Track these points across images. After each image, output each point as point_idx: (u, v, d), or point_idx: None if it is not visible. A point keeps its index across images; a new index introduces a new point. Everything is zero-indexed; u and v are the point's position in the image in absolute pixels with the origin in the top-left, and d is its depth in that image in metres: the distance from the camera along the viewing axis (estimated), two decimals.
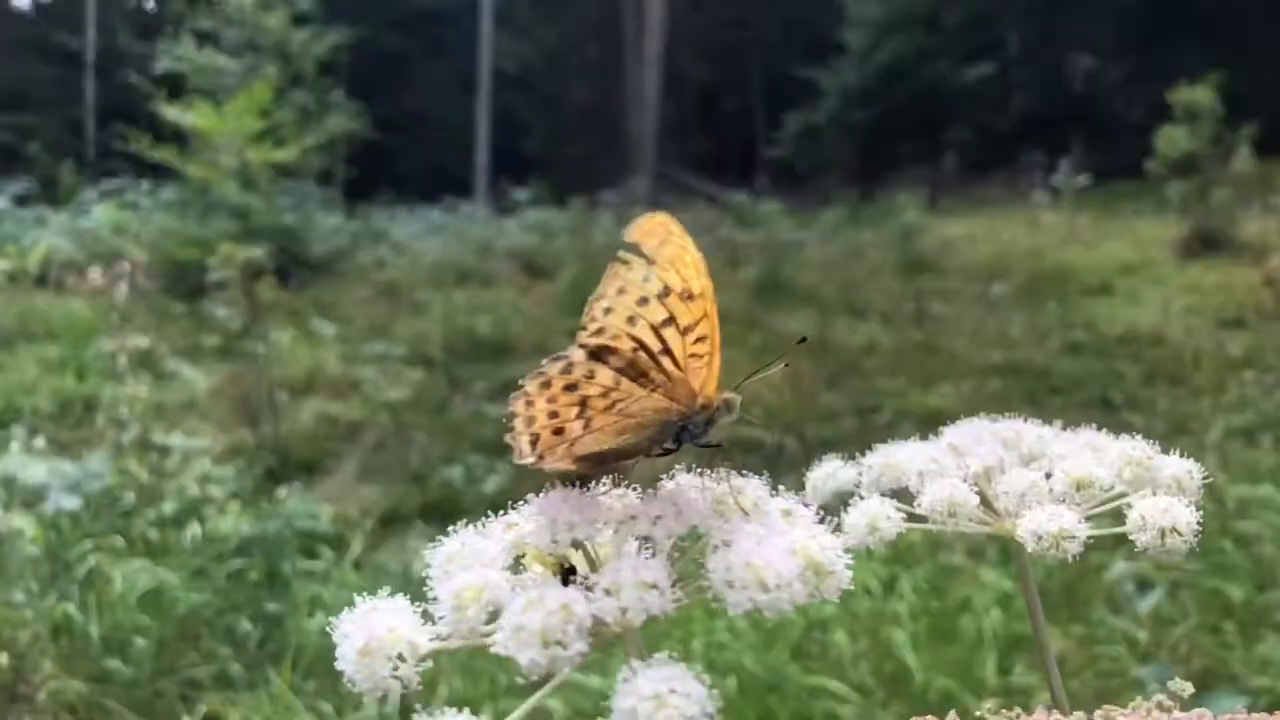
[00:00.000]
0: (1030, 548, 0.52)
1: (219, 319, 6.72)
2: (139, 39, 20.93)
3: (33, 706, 2.69)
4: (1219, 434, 4.81)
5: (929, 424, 0.62)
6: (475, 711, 0.41)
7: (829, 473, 0.60)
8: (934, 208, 16.77)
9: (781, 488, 0.51)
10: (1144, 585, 3.02)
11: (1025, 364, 6.59)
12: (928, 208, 16.11)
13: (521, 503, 0.50)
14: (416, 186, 20.60)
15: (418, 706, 0.44)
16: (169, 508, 3.96)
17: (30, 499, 3.87)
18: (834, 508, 0.54)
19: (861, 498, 0.56)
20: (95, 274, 8.40)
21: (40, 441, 4.82)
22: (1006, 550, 3.29)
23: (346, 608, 0.46)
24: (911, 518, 0.55)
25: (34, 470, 4.01)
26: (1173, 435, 4.60)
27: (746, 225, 14.88)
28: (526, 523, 0.48)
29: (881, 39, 21.26)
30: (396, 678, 0.42)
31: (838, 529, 0.51)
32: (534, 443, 0.50)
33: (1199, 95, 10.26)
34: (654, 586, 0.41)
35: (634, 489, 0.50)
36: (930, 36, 21.06)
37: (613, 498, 0.49)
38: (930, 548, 3.35)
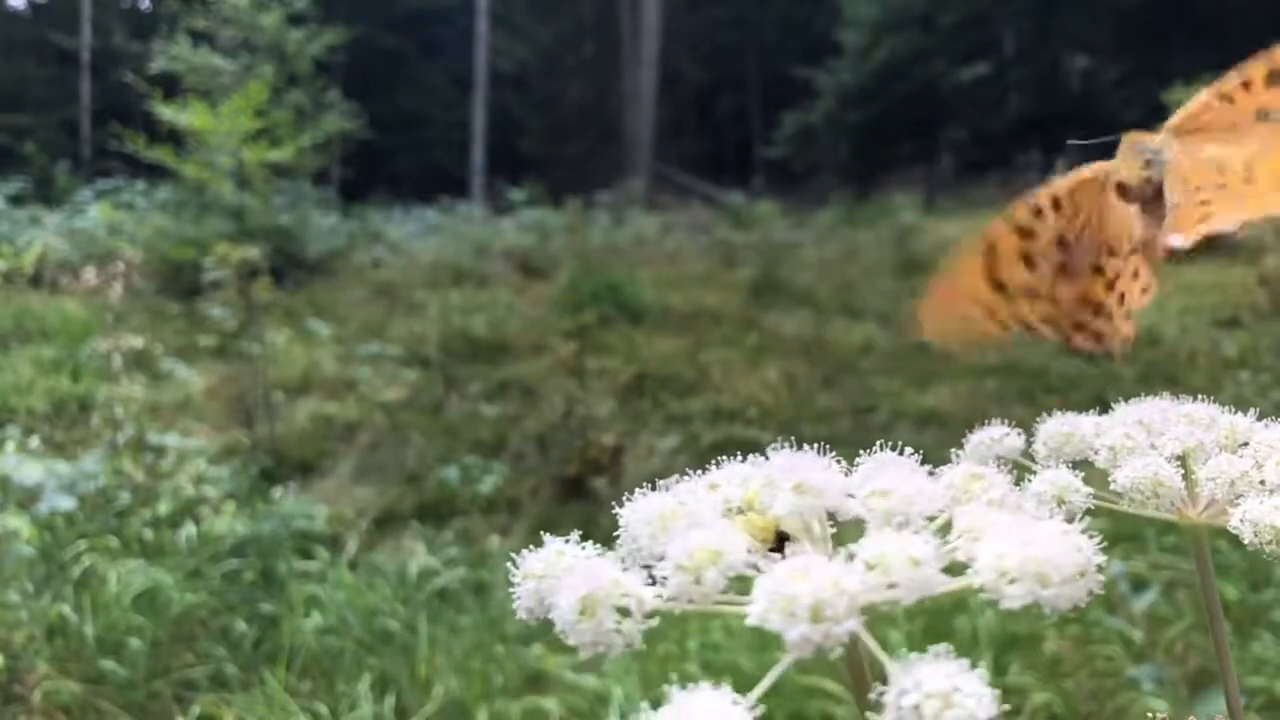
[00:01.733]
0: (1246, 540, 0.49)
1: (214, 319, 6.71)
2: (134, 38, 20.91)
3: (27, 707, 2.68)
4: None
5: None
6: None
7: (995, 438, 0.56)
8: (930, 208, 16.82)
9: None
10: (1139, 585, 3.02)
11: (1021, 364, 6.59)
12: (924, 208, 16.17)
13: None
14: (412, 186, 20.63)
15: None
16: (164, 508, 3.95)
17: (25, 499, 3.86)
18: None
19: (1032, 470, 0.53)
20: (90, 274, 8.36)
21: (35, 442, 4.81)
22: None
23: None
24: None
25: (29, 470, 4.00)
26: None
27: (742, 225, 14.90)
28: (729, 485, 0.45)
29: (877, 39, 21.28)
30: (619, 633, 0.39)
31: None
32: None
33: (1194, 96, 10.30)
34: (920, 563, 0.37)
35: (839, 460, 0.47)
36: (926, 37, 21.08)
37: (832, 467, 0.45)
38: None
